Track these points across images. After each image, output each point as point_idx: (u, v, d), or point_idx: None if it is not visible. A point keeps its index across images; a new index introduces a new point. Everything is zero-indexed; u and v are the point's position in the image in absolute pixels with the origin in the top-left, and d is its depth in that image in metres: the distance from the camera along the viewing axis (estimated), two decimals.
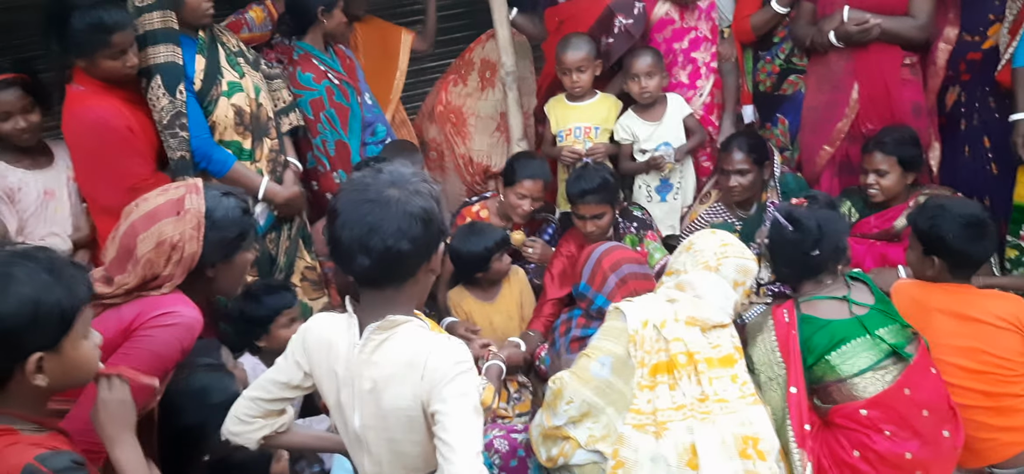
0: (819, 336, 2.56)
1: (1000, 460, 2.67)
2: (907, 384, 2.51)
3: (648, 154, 3.79)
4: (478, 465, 1.59)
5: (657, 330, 2.37)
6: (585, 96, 3.87)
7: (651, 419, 2.31)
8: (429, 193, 1.69)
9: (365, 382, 1.70)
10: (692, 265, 2.57)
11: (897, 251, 3.32)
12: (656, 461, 2.27)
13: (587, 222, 3.34)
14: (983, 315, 2.67)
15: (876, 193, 3.43)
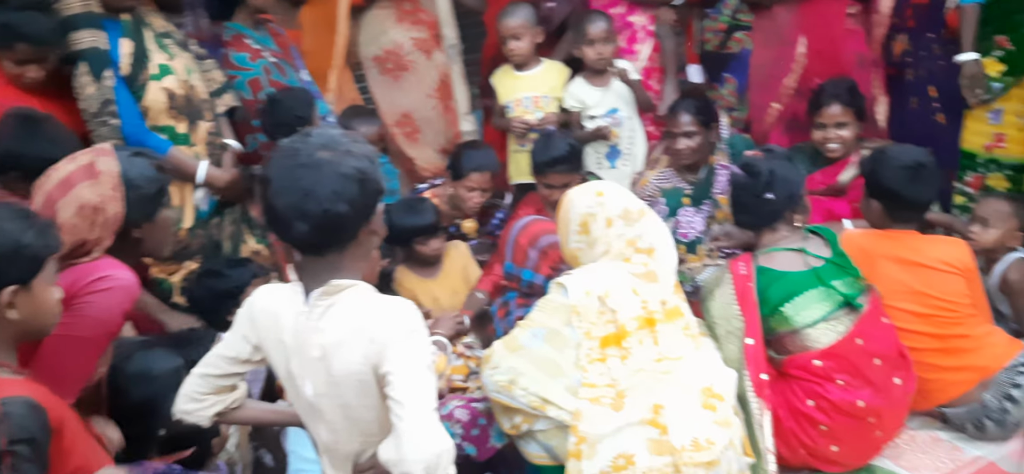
0: (775, 288, 2.70)
1: (949, 400, 2.84)
2: (859, 334, 2.66)
3: (597, 121, 3.89)
4: (432, 421, 1.65)
5: (601, 301, 2.43)
6: (530, 65, 3.96)
7: (608, 391, 2.39)
8: (362, 153, 1.73)
9: (314, 350, 1.75)
10: (630, 223, 2.57)
11: (842, 206, 3.48)
12: (619, 432, 2.35)
13: (555, 191, 3.38)
14: (928, 260, 2.84)
15: (837, 147, 3.53)
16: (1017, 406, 2.74)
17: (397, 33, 4.14)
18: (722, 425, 2.39)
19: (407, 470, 1.61)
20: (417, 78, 4.15)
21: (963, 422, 2.83)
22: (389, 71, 4.10)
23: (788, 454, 2.65)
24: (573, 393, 2.40)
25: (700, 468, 2.32)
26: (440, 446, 1.63)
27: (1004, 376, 2.77)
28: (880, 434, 2.71)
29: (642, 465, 2.31)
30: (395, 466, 1.64)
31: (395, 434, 1.65)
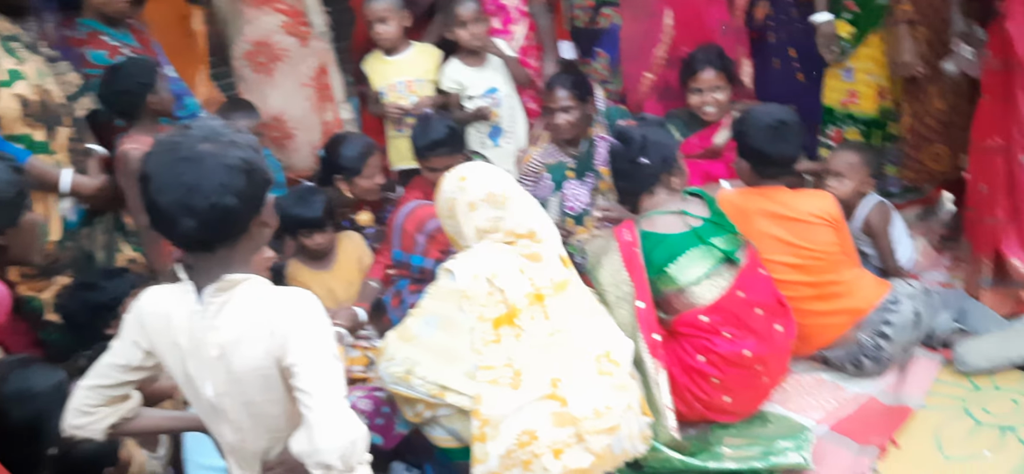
0: (659, 250, 2.82)
1: (828, 343, 3.05)
2: (740, 287, 2.82)
3: (476, 101, 3.93)
4: (343, 409, 1.65)
5: (489, 282, 2.47)
6: (400, 48, 3.96)
7: (506, 371, 2.43)
8: (247, 143, 1.70)
9: (211, 349, 1.71)
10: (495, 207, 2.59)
11: (719, 167, 3.66)
12: (521, 410, 2.40)
13: (438, 173, 3.37)
14: (798, 213, 3.03)
15: (713, 110, 3.71)
16: (890, 342, 2.97)
17: (263, 18, 3.96)
18: (619, 389, 2.49)
19: (322, 460, 1.60)
20: (291, 67, 3.99)
21: (842, 362, 3.04)
22: (262, 66, 3.93)
23: (685, 409, 2.78)
24: (471, 377, 2.44)
25: (602, 434, 2.41)
26: (354, 433, 1.63)
27: (875, 316, 3.00)
28: (768, 381, 2.88)
29: (546, 439, 2.37)
30: (309, 457, 1.62)
31: (306, 426, 1.63)
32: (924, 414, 2.82)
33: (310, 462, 1.63)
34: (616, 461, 2.54)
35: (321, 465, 1.61)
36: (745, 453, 2.65)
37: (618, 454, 2.51)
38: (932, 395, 2.90)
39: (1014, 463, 2.56)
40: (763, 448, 2.66)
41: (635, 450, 2.56)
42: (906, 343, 3.01)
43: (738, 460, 2.62)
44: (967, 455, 2.63)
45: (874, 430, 2.77)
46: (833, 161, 3.49)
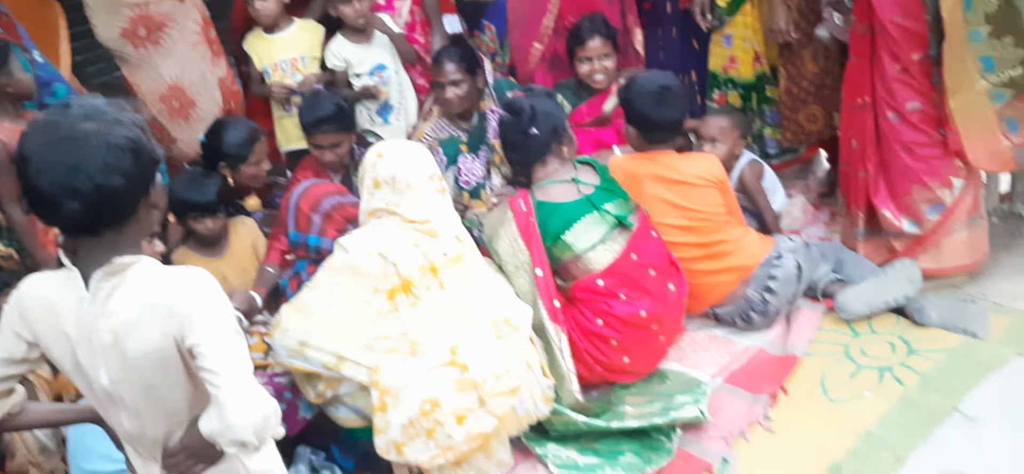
0: (554, 219, 2.87)
1: (718, 300, 3.17)
2: (633, 250, 2.90)
3: (363, 79, 3.87)
4: (253, 384, 1.62)
5: (382, 257, 2.48)
6: (282, 25, 3.87)
7: (403, 341, 2.44)
8: (131, 121, 1.64)
9: (104, 335, 1.64)
10: (395, 192, 2.60)
11: (610, 134, 3.74)
12: (419, 377, 2.42)
13: (326, 151, 3.36)
14: (685, 177, 3.14)
15: (602, 78, 3.79)
16: (775, 296, 3.11)
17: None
18: (519, 352, 2.55)
19: (236, 438, 1.57)
20: (178, 30, 3.73)
21: (732, 318, 3.17)
22: (145, 39, 3.71)
23: (586, 373, 2.85)
24: (369, 348, 2.43)
25: (504, 396, 2.45)
26: (266, 407, 1.61)
27: (761, 271, 3.14)
28: (664, 340, 2.98)
29: (449, 406, 2.40)
30: (222, 436, 1.58)
31: (216, 405, 1.59)
32: (809, 361, 2.98)
33: (224, 441, 1.59)
34: (520, 423, 2.59)
35: (235, 442, 1.58)
36: (646, 410, 2.74)
37: (521, 416, 2.55)
38: (816, 343, 3.06)
39: (893, 401, 2.73)
40: (663, 404, 2.75)
41: (538, 411, 2.61)
42: (790, 295, 3.16)
43: (640, 417, 2.70)
44: (850, 397, 2.79)
45: (765, 379, 2.91)
46: (705, 127, 3.62)
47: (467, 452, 2.45)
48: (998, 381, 2.75)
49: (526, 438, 2.71)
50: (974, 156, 3.14)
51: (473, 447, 2.45)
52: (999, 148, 3.14)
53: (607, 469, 2.58)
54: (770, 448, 2.65)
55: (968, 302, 3.16)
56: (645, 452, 2.64)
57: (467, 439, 2.42)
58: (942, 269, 3.28)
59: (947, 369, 2.83)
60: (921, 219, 3.25)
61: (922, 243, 3.27)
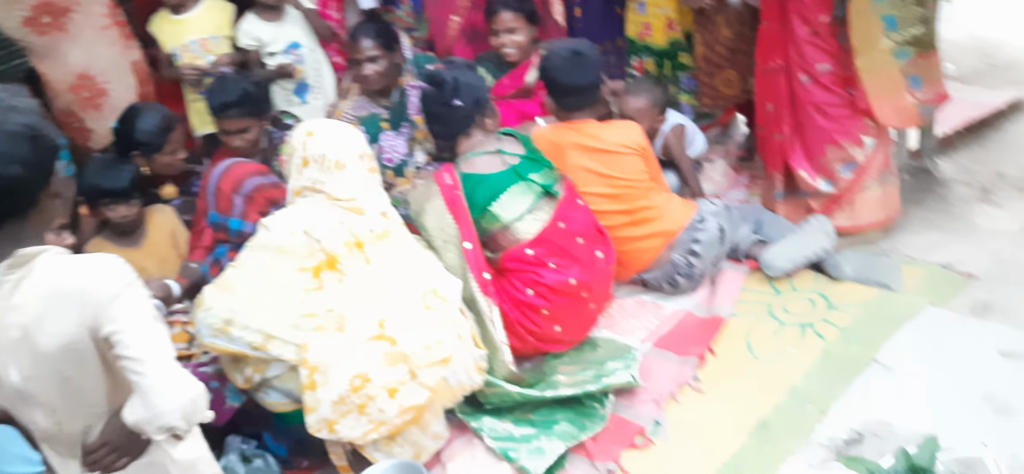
0: (480, 190, 2.87)
1: (645, 266, 3.22)
2: (560, 218, 2.92)
3: (277, 57, 3.79)
4: (176, 368, 1.58)
5: (306, 234, 2.45)
6: (189, 5, 3.76)
7: (330, 317, 2.42)
8: (27, 108, 1.61)
9: (12, 331, 1.58)
10: (323, 171, 2.56)
11: (533, 106, 3.75)
12: (348, 353, 2.40)
13: (233, 136, 3.28)
14: (608, 145, 3.17)
15: (512, 52, 3.79)
16: (700, 259, 3.18)
17: None
18: (449, 323, 2.55)
19: (165, 424, 1.53)
20: (84, 14, 3.52)
21: (660, 282, 3.23)
22: (50, 26, 3.48)
23: (519, 343, 2.88)
24: (296, 327, 2.40)
25: (435, 367, 2.46)
26: (192, 390, 1.58)
27: (685, 236, 3.20)
28: (594, 307, 3.02)
29: (380, 380, 2.39)
30: (149, 424, 1.55)
31: (139, 392, 1.55)
32: (735, 321, 3.06)
33: (151, 428, 1.55)
34: (454, 394, 2.59)
35: (164, 428, 1.54)
36: (579, 378, 2.78)
37: (454, 387, 2.56)
38: (740, 303, 3.15)
39: (815, 355, 2.83)
40: (595, 371, 2.79)
41: (472, 381, 2.62)
42: (714, 258, 3.24)
43: (573, 385, 2.73)
44: (775, 354, 2.88)
45: (693, 342, 2.97)
46: (624, 107, 3.65)
47: (401, 425, 2.44)
48: (912, 330, 2.87)
49: (461, 412, 2.71)
50: (882, 114, 3.26)
51: (407, 420, 2.45)
52: (905, 104, 3.27)
53: (543, 439, 2.60)
54: (700, 408, 2.72)
55: (881, 256, 3.29)
56: (579, 419, 2.67)
57: (400, 412, 2.42)
58: (857, 226, 3.40)
59: (864, 322, 2.94)
60: (836, 178, 3.36)
61: (838, 201, 3.38)
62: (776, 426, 2.56)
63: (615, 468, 2.53)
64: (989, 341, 2.74)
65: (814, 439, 2.50)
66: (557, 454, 2.54)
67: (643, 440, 2.61)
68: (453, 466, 2.62)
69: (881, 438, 2.44)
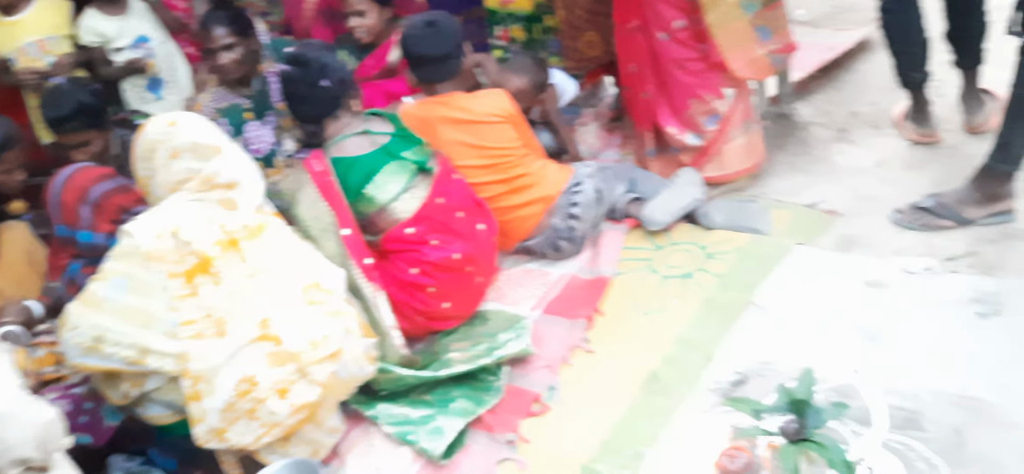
0: (352, 173, 2.84)
1: (527, 234, 3.27)
2: (438, 194, 2.93)
3: (125, 53, 3.62)
4: (21, 397, 1.52)
5: (174, 237, 2.37)
6: (20, 6, 3.55)
7: (208, 323, 2.34)
8: None
9: None
10: (198, 158, 2.48)
11: (400, 85, 3.71)
12: (232, 358, 2.34)
13: (75, 152, 3.12)
14: (476, 115, 3.20)
15: (363, 34, 3.75)
16: (580, 222, 3.24)
17: None
18: (334, 316, 2.49)
19: (17, 456, 1.47)
20: None
21: (543, 249, 3.28)
22: None
23: (408, 325, 2.87)
24: (172, 336, 2.32)
25: (325, 362, 2.42)
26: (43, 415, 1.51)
27: (563, 200, 3.25)
28: (480, 280, 3.04)
29: (267, 382, 2.34)
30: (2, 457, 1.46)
31: None
32: (619, 280, 3.14)
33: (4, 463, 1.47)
34: (347, 388, 2.57)
35: (17, 462, 1.47)
36: (472, 353, 2.79)
37: (346, 380, 2.53)
38: (623, 262, 3.22)
39: (697, 305, 2.94)
40: (487, 345, 2.82)
41: (363, 372, 2.60)
42: (593, 219, 3.31)
43: (467, 361, 2.75)
44: (659, 307, 2.98)
45: (580, 304, 3.04)
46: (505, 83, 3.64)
47: (294, 425, 2.40)
48: (784, 271, 3.02)
49: (355, 402, 2.69)
50: (735, 66, 3.39)
51: (300, 419, 2.40)
52: (756, 56, 3.42)
53: (440, 418, 2.61)
54: (593, 368, 2.79)
55: (751, 202, 3.44)
56: (476, 394, 2.69)
57: (292, 412, 2.37)
58: (726, 175, 3.54)
59: (739, 267, 3.07)
60: (702, 131, 3.48)
61: (706, 153, 3.51)
62: (666, 377, 2.66)
63: (514, 438, 2.56)
64: (855, 273, 2.92)
65: (702, 385, 2.60)
66: (456, 431, 2.56)
67: (540, 406, 2.66)
68: (351, 458, 2.60)
69: (764, 377, 2.56)
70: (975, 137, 3.54)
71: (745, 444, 2.31)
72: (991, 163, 2.96)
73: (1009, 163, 2.93)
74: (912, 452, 2.21)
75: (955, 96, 3.67)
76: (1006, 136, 2.90)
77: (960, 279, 2.78)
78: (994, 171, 2.95)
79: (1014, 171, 2.94)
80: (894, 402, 2.36)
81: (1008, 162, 2.93)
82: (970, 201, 3.00)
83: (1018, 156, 2.91)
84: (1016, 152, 2.90)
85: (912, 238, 3.04)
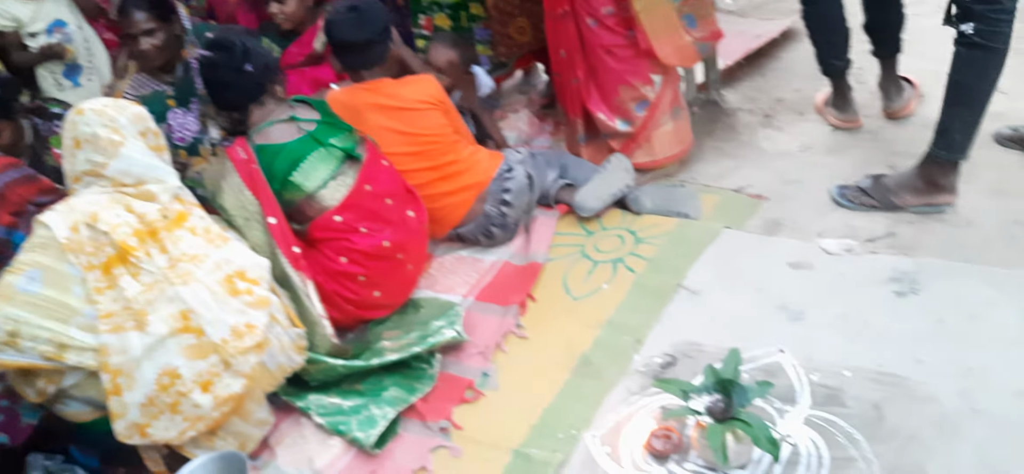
0: (278, 161, 2.80)
1: (459, 220, 3.26)
2: (366, 181, 2.90)
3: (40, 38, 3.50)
4: None
5: (90, 228, 2.31)
6: None
7: (127, 315, 2.29)
8: None
9: None
10: (98, 152, 2.41)
11: (326, 72, 3.67)
12: (152, 351, 2.29)
13: None
14: (404, 102, 3.18)
15: (283, 20, 3.70)
16: (512, 208, 3.25)
17: None
18: (258, 306, 2.45)
19: None
20: None
21: (475, 236, 3.28)
22: None
23: (339, 315, 2.83)
24: (91, 330, 2.26)
25: (250, 353, 2.38)
26: None
27: (495, 186, 3.26)
28: (411, 268, 3.03)
29: (189, 374, 2.30)
30: None
31: None
32: (551, 266, 3.16)
33: None
34: (275, 378, 2.53)
35: None
36: (404, 342, 2.78)
37: (274, 370, 2.50)
38: (555, 247, 3.25)
39: (627, 288, 2.98)
40: (420, 333, 2.81)
41: (291, 362, 2.56)
42: (525, 205, 3.32)
43: (399, 350, 2.73)
44: (590, 292, 3.01)
45: (513, 291, 3.05)
46: (432, 56, 3.66)
47: (220, 419, 2.36)
48: (712, 254, 3.08)
49: (285, 394, 2.66)
50: (663, 53, 3.43)
51: (225, 412, 2.36)
52: (682, 43, 3.47)
53: (372, 407, 2.60)
54: (526, 353, 2.80)
55: (679, 187, 3.50)
56: (408, 383, 2.68)
57: (217, 405, 2.33)
58: (656, 161, 3.59)
59: (669, 251, 3.12)
60: (631, 117, 3.52)
61: (636, 139, 3.55)
62: (597, 360, 2.69)
63: (448, 425, 2.56)
64: (780, 255, 2.99)
65: (632, 368, 2.64)
66: (388, 420, 2.54)
67: (473, 393, 2.66)
68: (282, 450, 2.56)
69: (692, 358, 2.61)
70: (894, 123, 3.67)
71: (674, 424, 2.36)
72: (933, 151, 3.02)
73: (950, 150, 2.97)
74: (833, 428, 2.28)
75: (875, 83, 3.79)
76: (945, 123, 2.96)
77: (879, 260, 2.88)
78: (937, 159, 3.01)
79: (956, 159, 2.99)
80: (816, 379, 2.44)
81: (949, 149, 2.97)
82: (910, 188, 3.07)
83: (959, 144, 2.96)
84: (956, 139, 2.95)
85: (835, 220, 3.13)
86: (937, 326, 2.56)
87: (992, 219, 2.99)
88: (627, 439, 2.39)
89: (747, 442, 2.18)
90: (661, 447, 2.32)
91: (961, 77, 2.86)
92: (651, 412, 2.45)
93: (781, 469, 2.21)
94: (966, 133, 2.93)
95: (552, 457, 2.37)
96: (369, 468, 2.48)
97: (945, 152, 2.98)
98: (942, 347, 2.47)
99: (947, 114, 2.95)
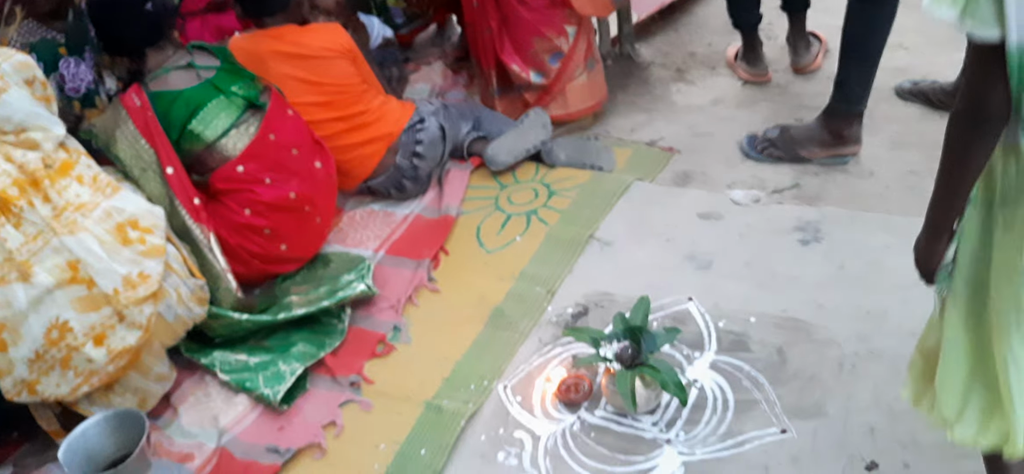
0: (176, 109, 2.69)
1: (370, 173, 3.20)
2: (270, 130, 2.81)
3: None
4: None
5: None
6: None
7: (10, 267, 2.17)
8: None
9: None
10: None
11: (230, 19, 3.53)
12: (37, 302, 2.18)
13: None
14: (310, 50, 3.09)
15: None
16: (424, 160, 3.21)
17: None
18: (152, 255, 2.36)
19: None
20: None
21: (386, 188, 3.23)
22: None
23: (244, 269, 2.76)
24: None
25: (144, 303, 2.30)
26: None
27: (406, 138, 3.21)
28: (320, 221, 2.96)
29: (80, 327, 2.21)
30: None
31: None
32: (464, 219, 3.14)
33: None
34: (173, 331, 2.45)
35: None
36: (313, 297, 2.72)
37: (173, 322, 2.42)
38: (468, 200, 3.22)
39: (540, 240, 2.98)
40: (329, 287, 2.75)
41: (191, 314, 2.48)
42: (438, 158, 3.28)
43: (307, 305, 2.68)
44: (504, 244, 3.00)
45: (425, 244, 3.01)
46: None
47: (116, 373, 2.27)
48: (624, 205, 3.10)
49: (188, 351, 2.58)
50: (578, 3, 3.42)
51: (121, 366, 2.28)
52: None
53: (280, 364, 2.54)
54: (438, 306, 2.78)
55: (593, 140, 3.51)
56: (317, 338, 2.64)
57: (111, 358, 2.24)
58: (570, 114, 3.59)
59: (582, 203, 3.13)
60: (545, 69, 3.51)
61: (550, 92, 3.54)
62: (510, 311, 2.68)
63: (358, 379, 2.53)
64: (690, 206, 3.03)
65: (545, 319, 2.65)
66: (296, 375, 2.49)
67: (384, 347, 2.63)
68: (185, 408, 2.49)
69: (603, 308, 2.63)
70: (802, 77, 3.74)
71: (585, 372, 2.38)
72: (833, 103, 3.10)
73: (849, 103, 3.06)
74: (738, 372, 2.33)
75: (784, 38, 3.85)
76: (841, 76, 3.04)
77: (785, 209, 2.94)
78: (837, 110, 3.10)
79: (856, 110, 3.08)
80: (723, 326, 2.48)
81: (847, 101, 3.06)
82: (817, 141, 3.14)
83: (857, 95, 3.04)
84: (854, 90, 3.03)
85: (744, 172, 3.18)
86: (838, 272, 2.63)
87: (892, 169, 3.08)
88: (539, 388, 2.40)
89: (655, 388, 2.21)
90: (572, 395, 2.33)
91: (854, 31, 2.95)
92: (562, 361, 2.46)
93: (688, 413, 2.25)
94: (862, 84, 3.02)
95: (463, 408, 2.36)
96: (276, 424, 2.43)
97: (844, 104, 3.07)
98: (843, 292, 2.54)
99: (843, 67, 3.03)
